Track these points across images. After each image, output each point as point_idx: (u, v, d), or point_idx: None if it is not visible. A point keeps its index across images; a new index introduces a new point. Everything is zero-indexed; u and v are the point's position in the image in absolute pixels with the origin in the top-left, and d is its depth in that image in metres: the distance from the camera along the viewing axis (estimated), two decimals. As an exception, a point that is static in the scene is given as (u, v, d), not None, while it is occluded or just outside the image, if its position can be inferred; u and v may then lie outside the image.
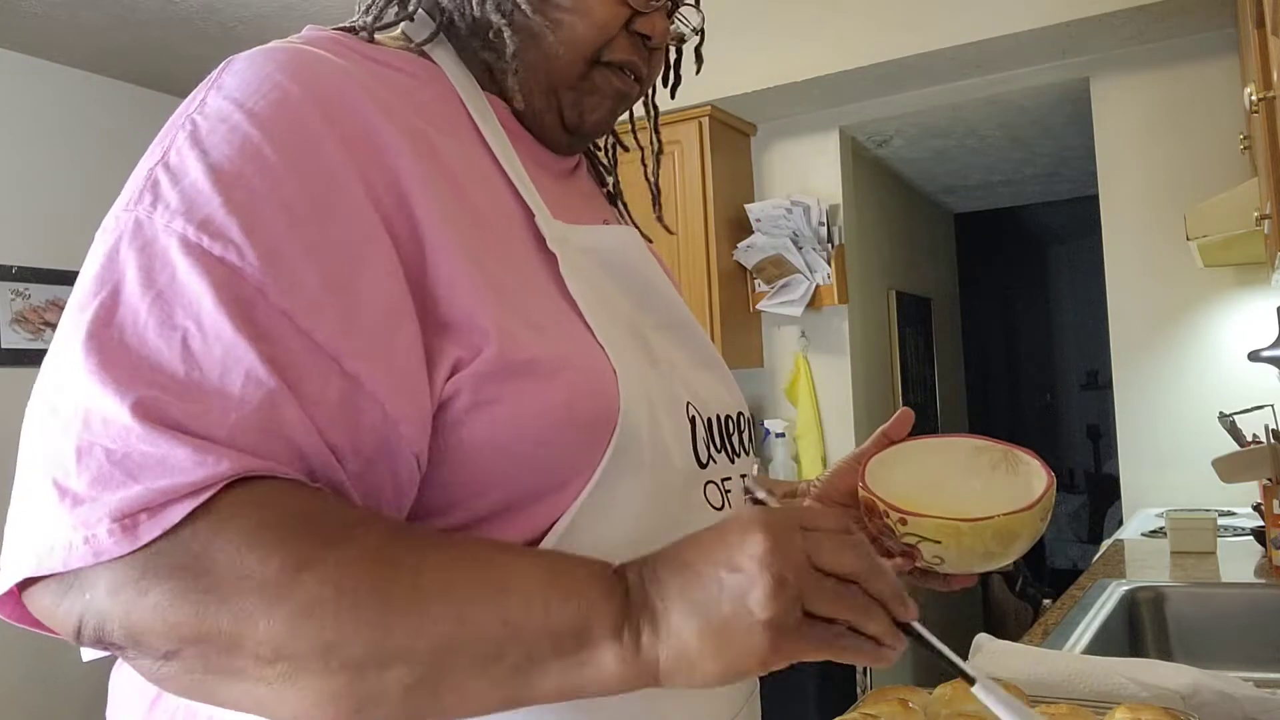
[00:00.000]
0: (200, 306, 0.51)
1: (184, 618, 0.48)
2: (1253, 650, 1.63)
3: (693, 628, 0.50)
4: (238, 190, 0.53)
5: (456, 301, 0.58)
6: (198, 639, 0.48)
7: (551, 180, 0.74)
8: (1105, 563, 2.04)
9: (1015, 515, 0.72)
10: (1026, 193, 4.77)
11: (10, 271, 3.07)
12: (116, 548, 0.47)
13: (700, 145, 3.01)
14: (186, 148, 0.55)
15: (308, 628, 0.48)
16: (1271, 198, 1.64)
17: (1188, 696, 0.88)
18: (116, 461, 0.48)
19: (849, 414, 3.16)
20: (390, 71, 0.66)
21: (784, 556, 0.49)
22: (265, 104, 0.56)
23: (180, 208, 0.53)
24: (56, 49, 3.15)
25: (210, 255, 0.52)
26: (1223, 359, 2.59)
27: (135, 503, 0.48)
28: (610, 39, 0.70)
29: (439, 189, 0.60)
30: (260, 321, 0.51)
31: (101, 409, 0.49)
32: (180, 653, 0.49)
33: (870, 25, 2.74)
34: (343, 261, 0.55)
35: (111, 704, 0.67)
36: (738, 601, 0.49)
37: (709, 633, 0.49)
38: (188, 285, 0.51)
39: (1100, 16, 2.46)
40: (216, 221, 0.52)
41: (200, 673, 0.49)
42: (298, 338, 0.52)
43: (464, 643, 0.49)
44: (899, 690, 0.88)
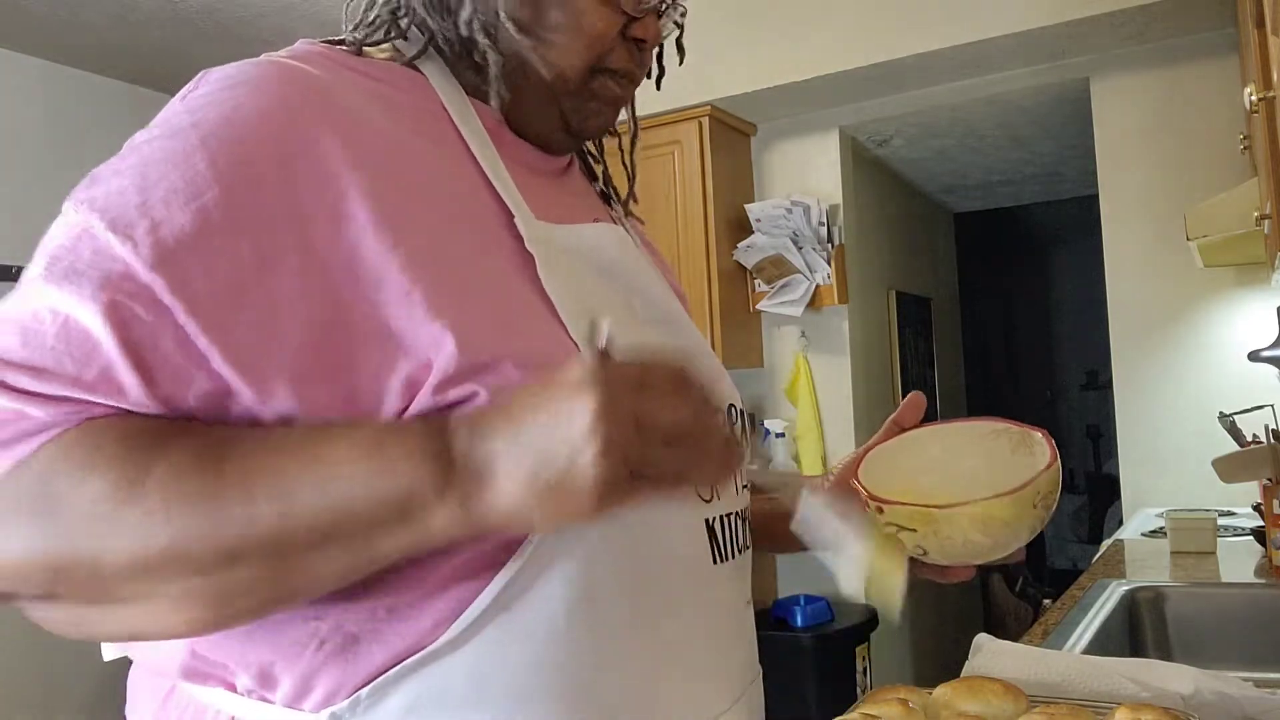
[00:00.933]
0: (81, 294, 0.54)
1: (43, 548, 0.52)
2: (1253, 650, 1.63)
3: (520, 485, 0.51)
4: (156, 191, 0.56)
5: (404, 313, 0.58)
6: (61, 569, 0.52)
7: (541, 181, 0.75)
8: (1105, 563, 2.04)
9: (994, 501, 0.68)
10: (1026, 193, 4.77)
11: (10, 271, 3.06)
12: None
13: (700, 145, 3.01)
14: (132, 148, 0.60)
15: (151, 537, 0.51)
16: (1271, 198, 1.64)
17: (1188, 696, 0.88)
18: None
19: (849, 414, 3.16)
20: (370, 81, 0.67)
21: (612, 418, 0.50)
22: (215, 114, 0.59)
23: (101, 204, 0.57)
24: (57, 49, 3.15)
25: (109, 250, 0.55)
26: (1223, 359, 2.59)
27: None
28: (608, 49, 0.71)
29: (399, 197, 0.61)
30: (138, 315, 0.54)
31: None
32: (55, 588, 0.53)
33: (870, 25, 2.74)
34: (243, 271, 0.57)
35: (129, 702, 0.69)
36: (565, 461, 0.50)
37: (536, 489, 0.51)
38: (78, 274, 0.55)
39: (1100, 16, 2.46)
40: (126, 219, 0.55)
41: (79, 605, 0.54)
42: (173, 333, 0.55)
43: (294, 529, 0.53)
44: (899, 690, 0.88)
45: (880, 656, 3.19)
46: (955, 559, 0.73)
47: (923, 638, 3.78)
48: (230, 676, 0.61)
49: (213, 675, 0.62)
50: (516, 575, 0.59)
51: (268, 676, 0.60)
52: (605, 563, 0.62)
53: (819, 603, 2.96)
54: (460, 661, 0.59)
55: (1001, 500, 0.69)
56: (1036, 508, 0.70)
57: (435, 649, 0.58)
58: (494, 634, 0.59)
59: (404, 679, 0.58)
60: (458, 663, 0.59)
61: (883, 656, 3.25)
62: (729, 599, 0.73)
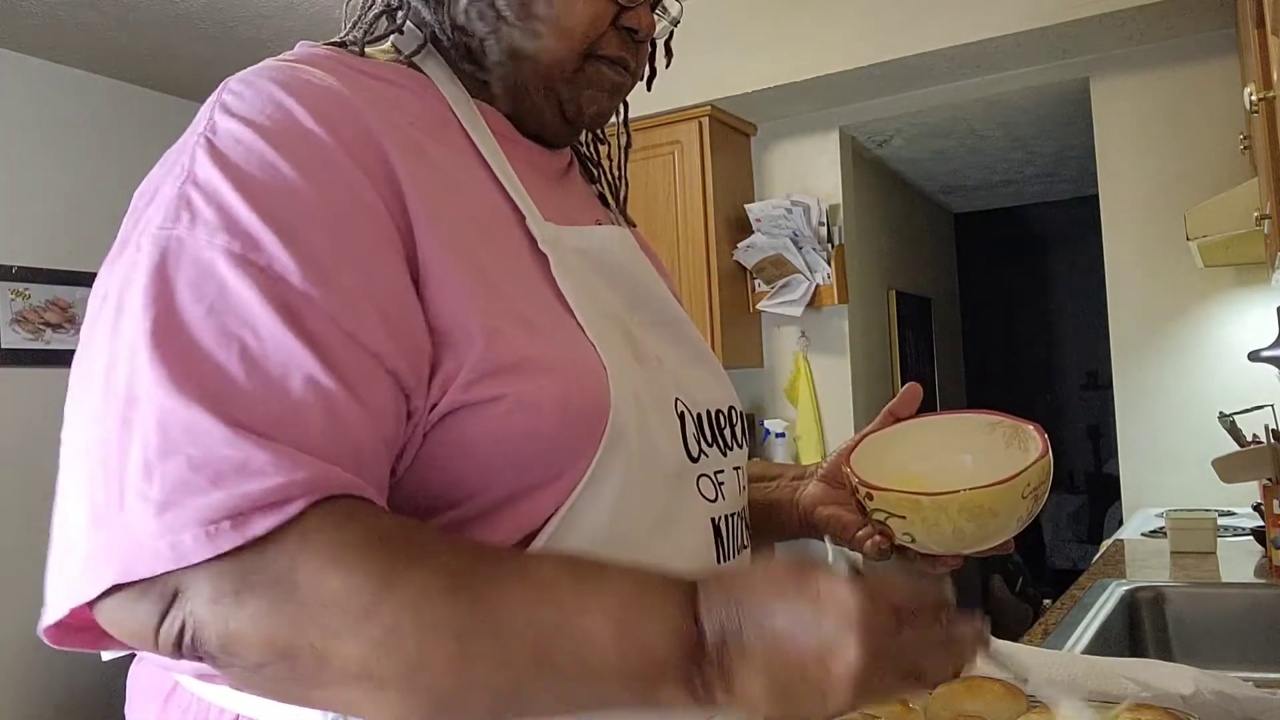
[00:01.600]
0: (253, 315, 0.52)
1: (278, 632, 0.49)
2: (1253, 650, 1.63)
3: (761, 695, 0.51)
4: (268, 204, 0.55)
5: (444, 306, 0.59)
6: (289, 653, 0.49)
7: (545, 183, 0.75)
8: (1105, 563, 2.04)
9: (982, 490, 0.68)
10: (1026, 193, 4.77)
11: (10, 271, 3.07)
12: (197, 553, 0.48)
13: (700, 145, 3.01)
14: (209, 166, 0.57)
15: (390, 653, 0.49)
16: (1271, 198, 1.64)
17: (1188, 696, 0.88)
18: (197, 467, 0.49)
19: (849, 414, 3.16)
20: (382, 85, 0.67)
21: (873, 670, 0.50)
22: (272, 122, 0.58)
23: (220, 224, 0.54)
24: (57, 49, 3.15)
25: (255, 266, 0.53)
26: (1223, 359, 2.59)
27: (219, 509, 0.49)
28: (600, 35, 0.71)
29: (432, 193, 0.62)
30: (310, 326, 0.53)
31: (180, 417, 0.50)
32: (271, 665, 0.50)
33: (870, 25, 2.74)
34: (371, 265, 0.57)
35: (130, 700, 0.69)
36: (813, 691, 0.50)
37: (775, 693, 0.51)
38: (238, 296, 0.53)
39: (1100, 16, 2.46)
40: (255, 235, 0.54)
41: (289, 681, 0.51)
42: (345, 340, 0.54)
43: (540, 679, 0.51)
44: (899, 690, 0.88)
45: (880, 656, 3.19)
46: (944, 547, 0.72)
47: (923, 638, 3.78)
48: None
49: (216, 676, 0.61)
50: None
51: None
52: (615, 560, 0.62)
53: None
54: None
55: (990, 490, 0.68)
56: (1025, 498, 0.70)
57: None
58: None
59: None
60: None
61: (883, 656, 3.25)
62: None
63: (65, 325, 3.21)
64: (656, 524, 0.66)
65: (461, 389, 0.58)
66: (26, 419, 3.09)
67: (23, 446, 3.07)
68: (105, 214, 3.33)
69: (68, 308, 3.21)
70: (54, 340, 3.17)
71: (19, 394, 3.08)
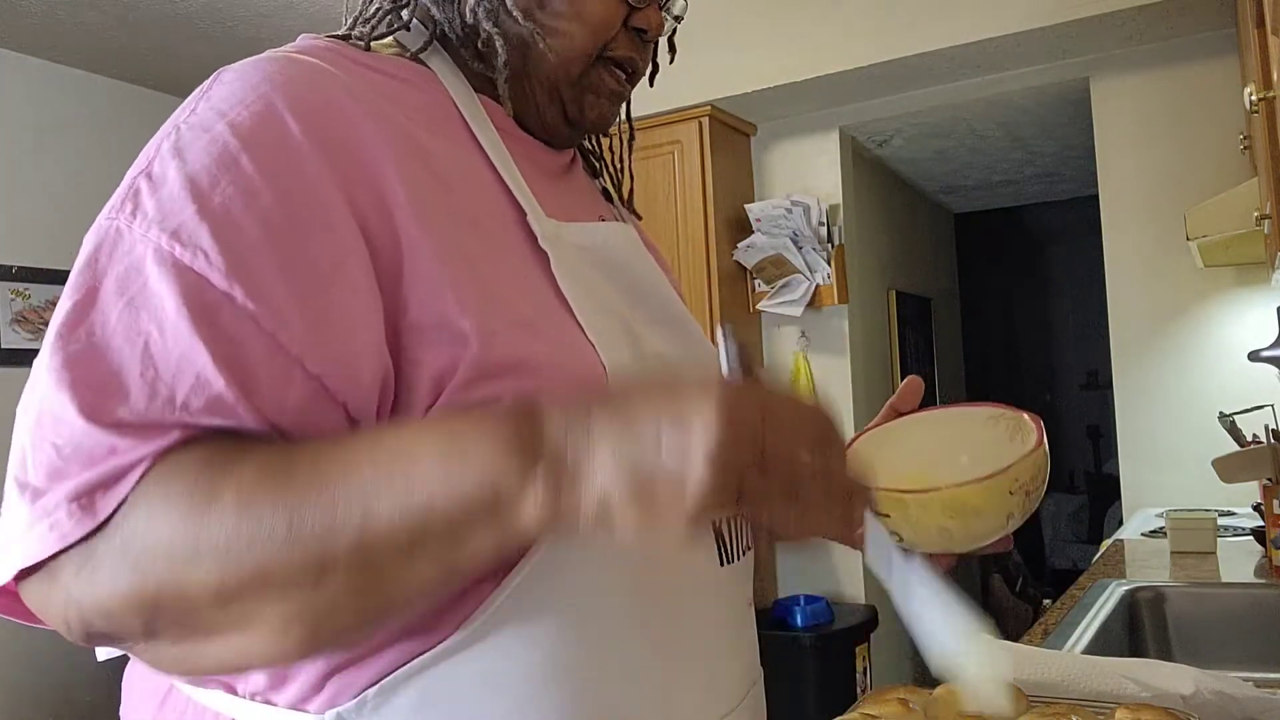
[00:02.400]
0: (164, 312, 0.53)
1: (131, 585, 0.50)
2: (1253, 650, 1.63)
3: (615, 477, 0.47)
4: (211, 199, 0.55)
5: (435, 306, 0.58)
6: (155, 605, 0.51)
7: (548, 179, 0.75)
8: (1105, 563, 2.04)
9: (965, 487, 0.65)
10: (1026, 193, 4.77)
11: (10, 271, 3.07)
12: (79, 528, 0.50)
13: (700, 145, 3.01)
14: (169, 156, 0.57)
15: (232, 561, 0.50)
16: (1271, 198, 1.64)
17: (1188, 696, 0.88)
18: (66, 456, 0.51)
19: (849, 414, 3.16)
20: (382, 78, 0.66)
21: (734, 437, 0.46)
22: (248, 115, 0.57)
23: (156, 216, 0.55)
24: (57, 49, 3.15)
25: (180, 263, 0.53)
26: (1223, 359, 2.59)
27: (89, 483, 0.51)
28: (612, 36, 0.71)
29: (426, 193, 0.61)
30: (224, 324, 0.53)
31: (53, 408, 0.52)
32: (154, 626, 0.51)
33: (870, 25, 2.74)
34: (314, 270, 0.55)
35: (125, 704, 0.68)
36: (671, 463, 0.47)
37: (631, 486, 0.47)
38: (155, 292, 0.53)
39: (1100, 16, 2.46)
40: (188, 229, 0.54)
41: (183, 642, 0.52)
42: (261, 339, 0.53)
43: (379, 537, 0.50)
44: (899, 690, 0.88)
45: (880, 656, 3.19)
46: (931, 546, 0.69)
47: (923, 638, 3.78)
48: (236, 679, 0.60)
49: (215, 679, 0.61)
50: (529, 575, 0.59)
51: (283, 677, 0.59)
52: (617, 564, 0.62)
53: (819, 603, 2.96)
54: (468, 661, 0.58)
55: (973, 486, 0.65)
56: (1014, 495, 0.66)
57: (444, 648, 0.58)
58: (504, 634, 0.59)
59: (411, 678, 0.58)
60: (466, 662, 0.58)
61: (883, 656, 3.25)
62: (733, 600, 0.73)
63: (65, 325, 3.21)
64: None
65: (458, 389, 0.58)
66: (26, 419, 3.09)
67: (23, 446, 3.07)
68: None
69: (68, 308, 3.22)
70: (54, 340, 3.17)
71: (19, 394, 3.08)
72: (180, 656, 0.54)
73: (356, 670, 0.58)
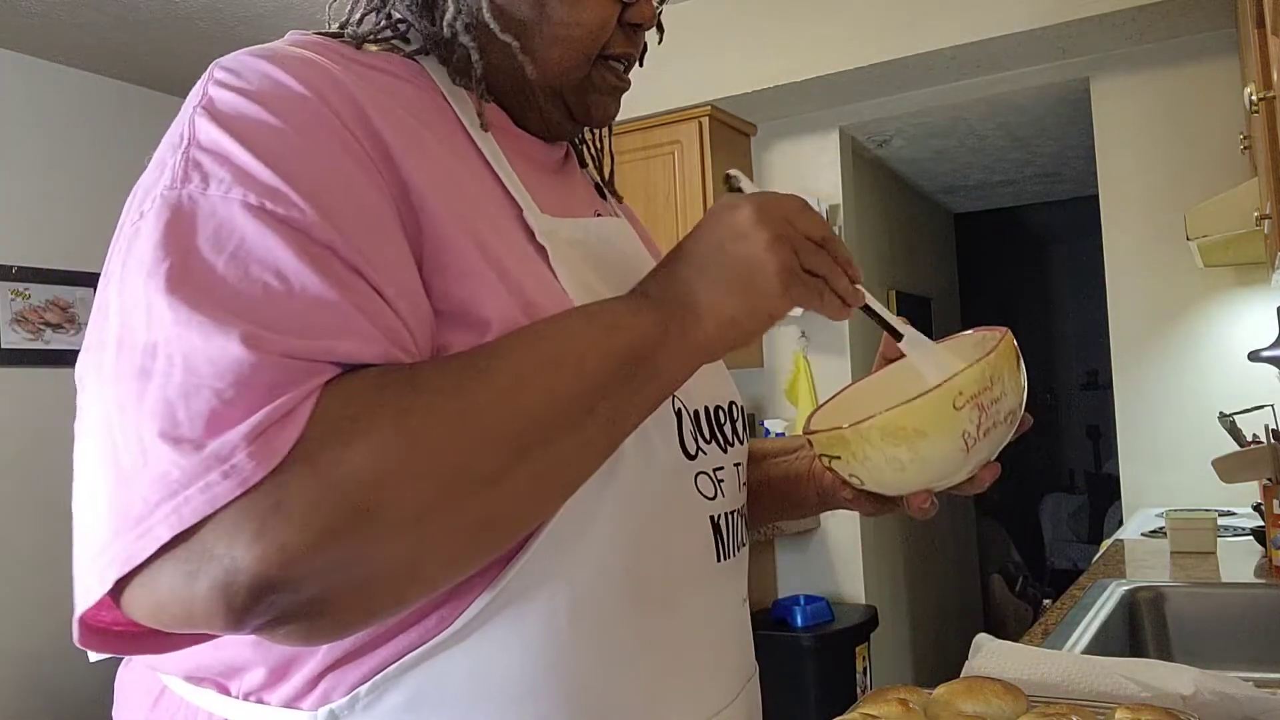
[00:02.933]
0: (279, 260, 0.51)
1: (325, 517, 0.47)
2: (1253, 650, 1.63)
3: (721, 293, 0.60)
4: (277, 161, 0.54)
5: (456, 291, 0.59)
6: (344, 531, 0.47)
7: (543, 174, 0.75)
8: (1105, 563, 2.04)
9: (899, 409, 0.60)
10: (1026, 193, 4.77)
11: (10, 271, 3.07)
12: (260, 469, 0.46)
13: (700, 145, 3.01)
14: (213, 130, 0.55)
15: (428, 467, 0.50)
16: (1271, 198, 1.64)
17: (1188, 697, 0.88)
18: (228, 399, 0.47)
19: (849, 414, 3.16)
20: (375, 72, 0.66)
21: (773, 220, 0.61)
22: (270, 95, 0.57)
23: (234, 179, 0.53)
24: (56, 49, 3.15)
25: (276, 215, 0.52)
26: (1223, 359, 2.59)
27: (260, 425, 0.47)
28: (609, 36, 0.71)
29: (433, 178, 0.61)
30: (338, 273, 0.52)
31: (205, 351, 0.48)
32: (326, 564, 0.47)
33: (870, 25, 2.74)
34: (379, 229, 0.56)
35: (117, 703, 0.68)
36: (749, 259, 0.60)
37: (735, 291, 0.60)
38: (261, 242, 0.51)
39: (1100, 16, 2.46)
40: (272, 186, 0.53)
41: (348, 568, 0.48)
42: (371, 293, 0.54)
43: (560, 412, 0.55)
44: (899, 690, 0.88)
45: (880, 656, 3.19)
46: (889, 485, 0.66)
47: (923, 638, 3.78)
48: (231, 678, 0.60)
49: (206, 678, 0.61)
50: (521, 570, 0.59)
51: (282, 673, 0.59)
52: (611, 560, 0.62)
53: (819, 603, 2.96)
54: (461, 657, 0.58)
55: (907, 406, 0.60)
56: (961, 410, 0.60)
57: (437, 643, 0.58)
58: (497, 629, 0.59)
59: (404, 674, 0.58)
60: (459, 658, 0.58)
61: (883, 656, 3.25)
62: (728, 596, 0.73)
63: (65, 325, 3.21)
64: (653, 522, 0.65)
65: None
66: (26, 419, 3.09)
67: (22, 447, 3.07)
68: (105, 214, 3.32)
69: (68, 308, 3.21)
70: (54, 340, 3.17)
71: (19, 394, 3.08)
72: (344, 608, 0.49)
73: (349, 667, 0.58)
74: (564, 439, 0.55)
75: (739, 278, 0.60)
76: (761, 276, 0.60)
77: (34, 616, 3.01)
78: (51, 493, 3.16)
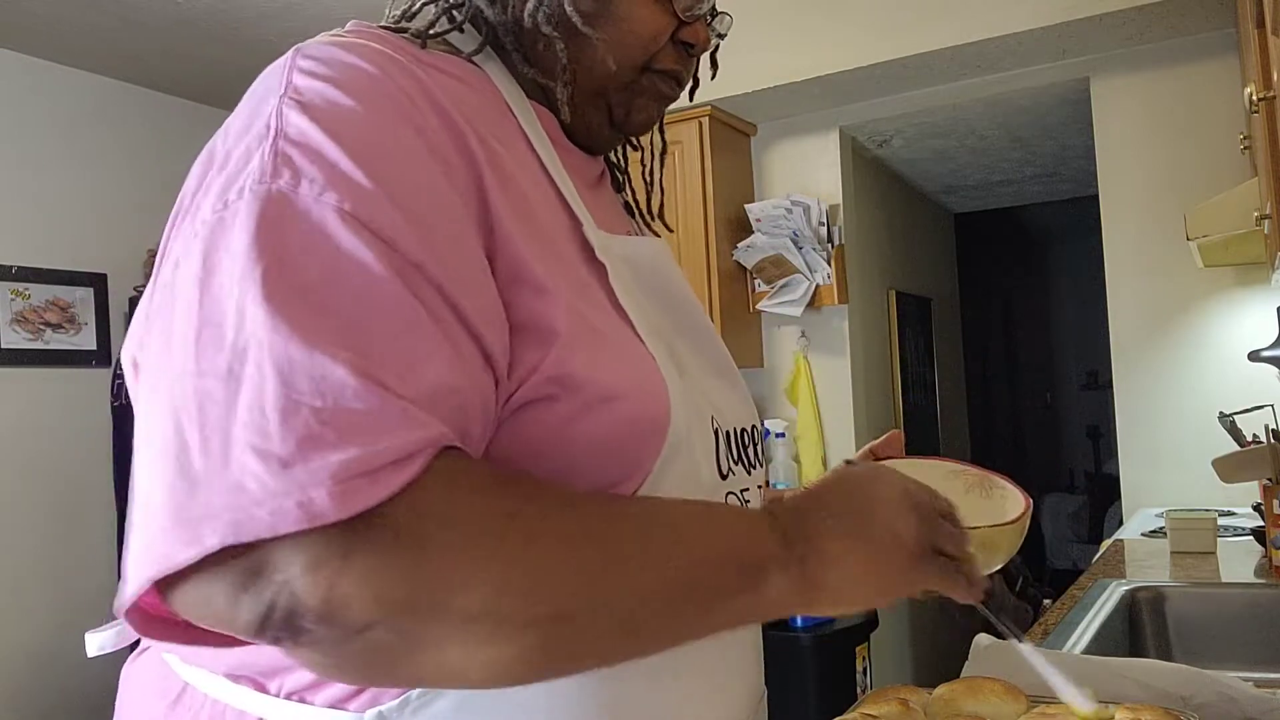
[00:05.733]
0: (370, 276, 0.50)
1: (392, 584, 0.45)
2: (1253, 650, 1.63)
3: (851, 551, 0.59)
4: (371, 164, 0.52)
5: (529, 304, 0.58)
6: (404, 607, 0.46)
7: (587, 190, 0.74)
8: (1105, 563, 2.04)
9: (997, 529, 0.75)
10: (1026, 193, 4.77)
11: (10, 271, 3.07)
12: (334, 512, 0.44)
13: (700, 145, 3.01)
14: (305, 123, 0.53)
15: (516, 582, 0.48)
16: (1271, 198, 1.64)
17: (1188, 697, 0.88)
18: (326, 421, 0.45)
19: (849, 414, 3.16)
20: (443, 76, 0.64)
21: (920, 498, 0.62)
22: (359, 89, 0.56)
23: (326, 181, 0.51)
24: (60, 50, 3.15)
25: (369, 229, 0.51)
26: (1223, 359, 2.59)
27: (352, 466, 0.45)
28: (660, 49, 0.71)
29: (509, 188, 0.61)
30: (423, 294, 0.51)
31: (308, 368, 0.46)
32: (375, 627, 0.46)
33: (870, 25, 2.74)
34: (463, 241, 0.55)
35: (122, 701, 0.67)
36: (888, 529, 0.60)
37: (864, 555, 0.59)
38: (355, 254, 0.50)
39: (1100, 16, 2.46)
40: (367, 197, 0.51)
41: (388, 649, 0.47)
42: (451, 312, 0.53)
43: (662, 585, 0.53)
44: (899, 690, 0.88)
45: (880, 656, 3.19)
46: None
47: (923, 638, 3.78)
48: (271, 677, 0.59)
49: (245, 675, 0.60)
50: None
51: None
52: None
53: (819, 603, 2.96)
54: None
55: (1004, 528, 0.75)
56: (1019, 538, 0.77)
57: None
58: None
59: None
60: None
61: (883, 656, 3.25)
62: None
63: (65, 325, 3.21)
64: None
65: (536, 387, 0.57)
66: (26, 419, 3.09)
67: (22, 446, 3.07)
68: (106, 215, 3.33)
69: (68, 308, 3.21)
70: (54, 340, 3.17)
71: (19, 394, 3.08)
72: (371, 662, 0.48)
73: None
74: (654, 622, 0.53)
75: (872, 546, 0.60)
76: (893, 554, 0.60)
77: (36, 615, 3.01)
78: (52, 492, 3.16)
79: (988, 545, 0.73)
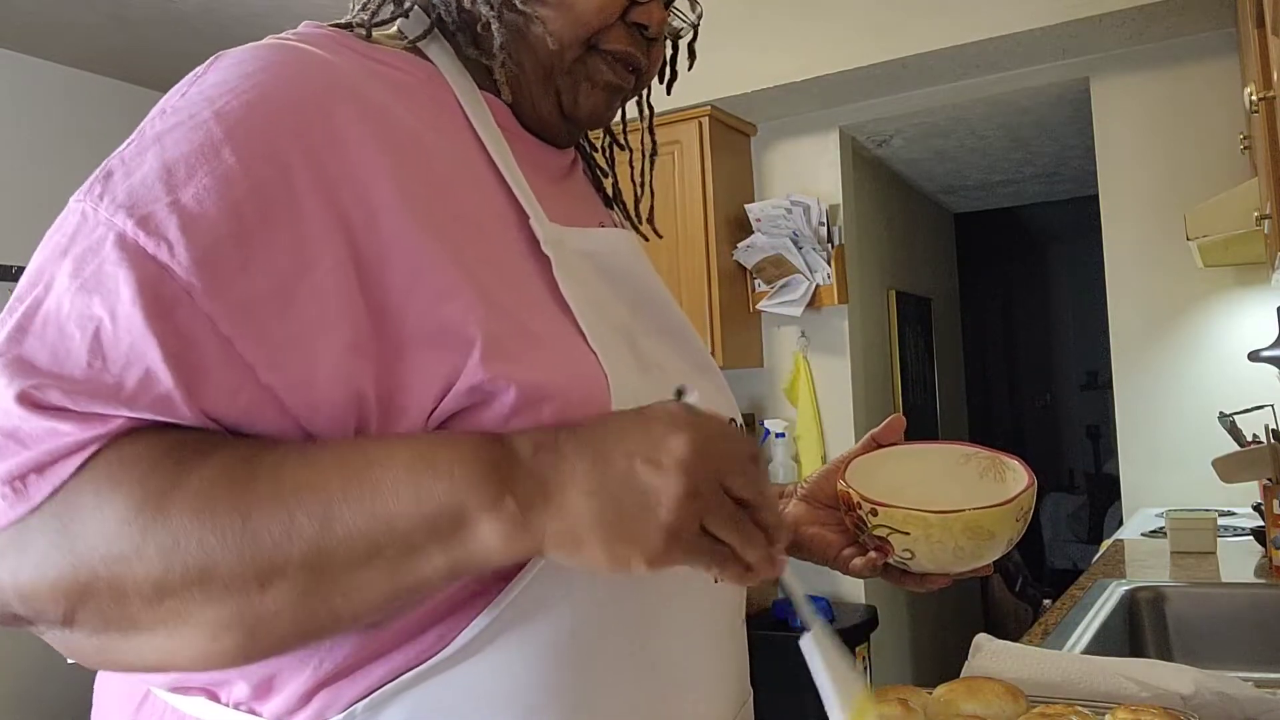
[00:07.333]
0: (118, 300, 0.51)
1: (62, 571, 0.49)
2: (1253, 650, 1.63)
3: (590, 510, 0.50)
4: (185, 189, 0.53)
5: (435, 313, 0.57)
6: (83, 593, 0.49)
7: (547, 182, 0.73)
8: (1105, 563, 2.04)
9: (985, 510, 0.72)
10: (1026, 193, 4.77)
11: (10, 271, 3.07)
12: (11, 510, 0.50)
13: (700, 145, 3.01)
14: (149, 141, 0.56)
15: (178, 556, 0.49)
16: (1271, 198, 1.64)
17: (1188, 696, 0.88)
18: (7, 434, 0.50)
19: (849, 414, 3.16)
20: (386, 70, 0.65)
21: (702, 468, 0.51)
22: (238, 104, 0.56)
23: (125, 201, 0.53)
24: (52, 48, 3.15)
25: (143, 251, 0.51)
26: (1223, 359, 2.59)
27: (23, 466, 0.50)
28: (606, 26, 0.69)
29: (425, 195, 0.59)
30: (179, 321, 0.51)
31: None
32: (76, 614, 0.50)
33: (870, 25, 2.74)
34: (282, 272, 0.54)
35: (96, 708, 0.67)
36: (645, 498, 0.50)
37: (606, 519, 0.50)
38: (112, 278, 0.51)
39: (1100, 16, 2.46)
40: (156, 218, 0.52)
41: (102, 632, 0.51)
42: (215, 342, 0.52)
43: (336, 543, 0.50)
44: (899, 690, 0.88)
45: (880, 656, 3.19)
46: (940, 565, 0.75)
47: (923, 638, 3.78)
48: (219, 687, 0.59)
49: (194, 686, 0.60)
50: (523, 591, 0.58)
51: (267, 688, 0.58)
52: (614, 582, 0.61)
53: (819, 603, 2.96)
54: (460, 677, 0.57)
55: (993, 510, 0.72)
56: (1018, 521, 0.74)
57: (435, 663, 0.57)
58: (497, 649, 0.58)
59: (402, 693, 0.57)
60: (457, 678, 0.57)
61: (883, 656, 3.25)
62: (727, 618, 0.73)
63: (65, 325, 3.21)
64: None
65: (457, 398, 0.56)
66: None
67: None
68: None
69: (67, 308, 3.21)
70: (54, 340, 3.17)
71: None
72: (98, 647, 0.52)
73: (345, 683, 0.57)
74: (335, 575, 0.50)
75: (619, 511, 0.50)
76: (642, 526, 0.50)
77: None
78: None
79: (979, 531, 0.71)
